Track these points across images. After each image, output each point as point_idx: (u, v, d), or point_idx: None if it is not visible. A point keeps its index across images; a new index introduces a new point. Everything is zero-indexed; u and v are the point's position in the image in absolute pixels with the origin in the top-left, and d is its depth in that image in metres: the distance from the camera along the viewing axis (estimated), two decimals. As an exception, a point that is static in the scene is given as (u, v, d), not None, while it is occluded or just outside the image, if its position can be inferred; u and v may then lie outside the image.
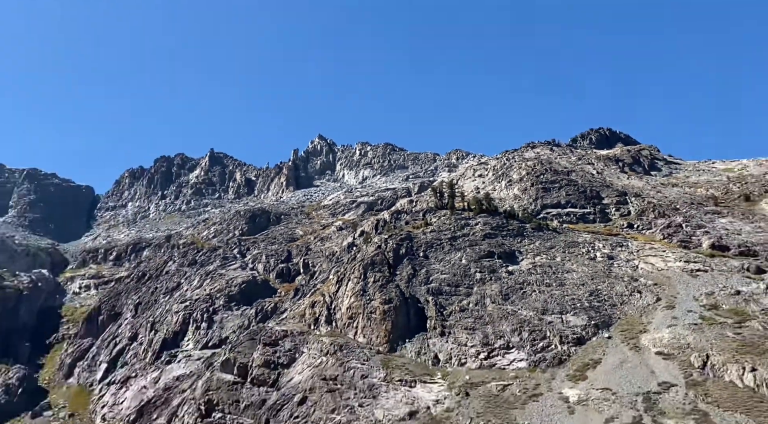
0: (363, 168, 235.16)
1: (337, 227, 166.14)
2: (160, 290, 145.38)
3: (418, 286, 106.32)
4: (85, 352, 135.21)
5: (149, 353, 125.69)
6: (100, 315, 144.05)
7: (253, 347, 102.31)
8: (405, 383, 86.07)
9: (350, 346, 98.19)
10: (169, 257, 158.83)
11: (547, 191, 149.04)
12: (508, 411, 75.62)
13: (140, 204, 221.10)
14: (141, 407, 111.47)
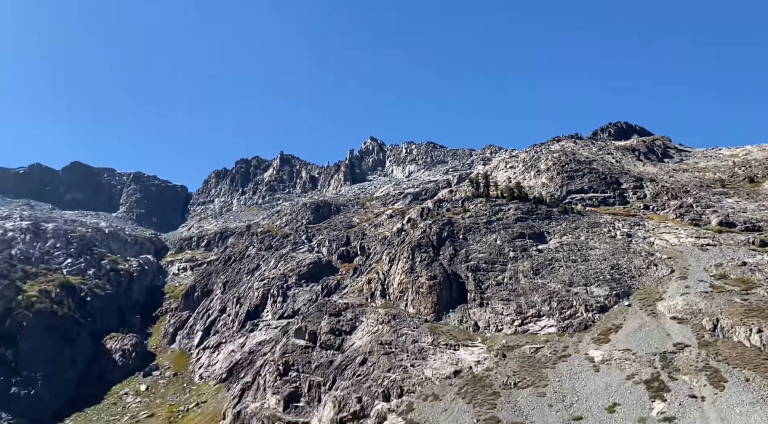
0: (409, 164, 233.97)
1: (387, 215, 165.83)
2: (243, 270, 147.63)
3: (458, 264, 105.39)
4: (184, 322, 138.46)
5: (236, 323, 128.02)
6: (195, 292, 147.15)
7: (321, 317, 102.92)
8: (450, 346, 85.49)
9: (402, 316, 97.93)
10: (249, 243, 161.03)
11: (572, 179, 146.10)
12: (541, 370, 74.51)
13: (225, 199, 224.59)
14: (230, 368, 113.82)
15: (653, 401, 62.72)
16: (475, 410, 69.54)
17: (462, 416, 69.13)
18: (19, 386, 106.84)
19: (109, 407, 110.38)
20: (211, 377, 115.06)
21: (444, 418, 69.90)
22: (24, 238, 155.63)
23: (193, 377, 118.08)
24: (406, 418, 71.81)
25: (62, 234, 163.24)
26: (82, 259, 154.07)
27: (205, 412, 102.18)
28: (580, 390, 68.66)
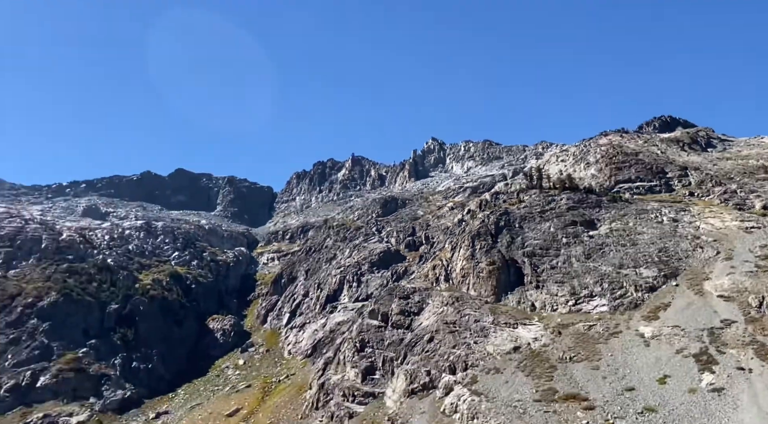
0: (467, 160, 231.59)
1: (449, 207, 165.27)
2: (322, 259, 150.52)
3: (515, 250, 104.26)
4: (273, 305, 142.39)
5: (317, 306, 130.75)
6: (282, 279, 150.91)
7: (391, 300, 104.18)
8: (509, 325, 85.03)
9: (464, 298, 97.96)
10: (327, 235, 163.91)
11: (619, 170, 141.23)
12: (594, 345, 73.20)
13: (304, 197, 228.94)
14: (314, 345, 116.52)
15: (702, 373, 60.76)
16: (534, 382, 69.15)
17: (522, 387, 68.91)
18: (138, 361, 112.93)
19: (213, 379, 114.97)
20: (298, 353, 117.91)
21: (505, 389, 69.86)
22: (138, 235, 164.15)
23: (282, 352, 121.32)
24: (470, 389, 72.18)
25: (170, 231, 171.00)
26: (187, 252, 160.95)
27: (294, 383, 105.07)
28: (632, 364, 67.16)
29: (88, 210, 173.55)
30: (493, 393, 69.45)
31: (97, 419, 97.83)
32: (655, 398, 59.81)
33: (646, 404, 59.47)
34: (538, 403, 64.69)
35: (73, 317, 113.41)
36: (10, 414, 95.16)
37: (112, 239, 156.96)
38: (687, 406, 57.40)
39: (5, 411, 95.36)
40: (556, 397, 65.01)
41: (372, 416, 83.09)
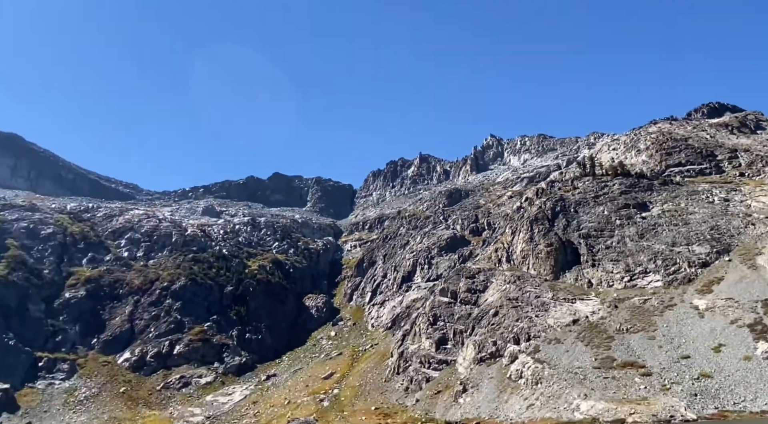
0: (523, 153, 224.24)
1: (508, 196, 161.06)
2: (397, 245, 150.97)
3: (571, 232, 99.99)
4: (357, 286, 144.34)
5: (394, 285, 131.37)
6: (364, 263, 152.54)
7: (459, 280, 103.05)
8: (567, 300, 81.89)
9: (525, 277, 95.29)
10: (400, 225, 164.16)
11: (669, 155, 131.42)
12: (650, 317, 69.07)
13: (380, 193, 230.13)
14: (393, 319, 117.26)
15: (757, 342, 55.96)
16: (593, 351, 66.30)
17: (581, 355, 66.28)
18: (250, 333, 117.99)
19: (311, 348, 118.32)
20: (380, 326, 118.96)
21: (566, 357, 67.42)
22: (246, 229, 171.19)
23: (366, 326, 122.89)
24: (534, 357, 70.21)
25: (270, 225, 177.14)
26: (285, 242, 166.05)
27: (378, 351, 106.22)
28: (687, 334, 62.86)
29: (206, 210, 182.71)
30: (554, 361, 67.24)
31: (220, 380, 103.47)
32: (711, 365, 55.77)
33: (701, 370, 55.59)
34: (597, 370, 62.00)
35: (198, 297, 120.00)
36: (155, 375, 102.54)
37: (226, 233, 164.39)
38: (743, 372, 53.13)
39: (151, 373, 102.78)
40: (614, 364, 62.03)
41: (446, 380, 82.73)
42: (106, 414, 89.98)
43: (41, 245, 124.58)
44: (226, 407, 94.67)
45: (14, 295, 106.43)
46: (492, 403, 67.97)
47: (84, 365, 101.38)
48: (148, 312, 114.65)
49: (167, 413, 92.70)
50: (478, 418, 66.04)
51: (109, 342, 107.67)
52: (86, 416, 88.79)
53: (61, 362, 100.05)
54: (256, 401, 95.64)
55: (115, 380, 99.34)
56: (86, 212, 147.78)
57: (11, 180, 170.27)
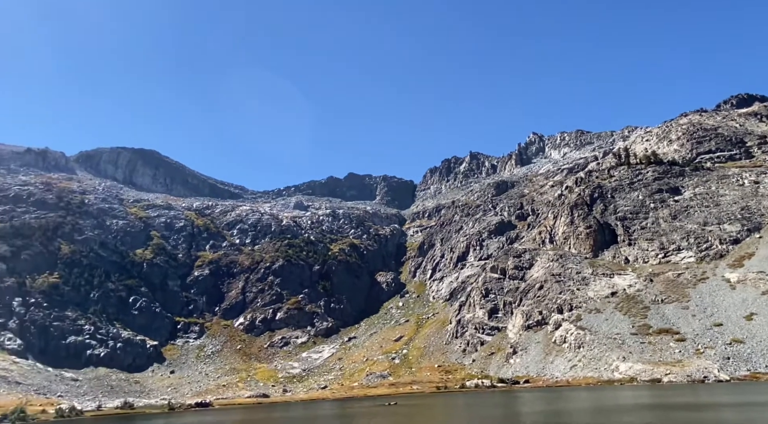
0: (563, 147, 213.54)
1: (549, 185, 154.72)
2: (452, 230, 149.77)
3: (608, 215, 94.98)
4: (419, 264, 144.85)
5: (451, 264, 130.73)
6: (425, 245, 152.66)
7: (507, 258, 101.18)
8: (606, 275, 78.26)
9: (566, 255, 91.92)
10: (454, 213, 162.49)
11: (700, 143, 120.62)
12: (683, 289, 64.66)
13: (436, 186, 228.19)
14: (451, 292, 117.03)
15: (791, 313, 50.93)
16: (630, 320, 63.22)
17: (620, 323, 63.42)
18: (334, 303, 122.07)
19: (383, 316, 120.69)
20: (439, 298, 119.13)
21: (605, 325, 64.79)
22: (328, 219, 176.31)
23: (428, 298, 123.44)
24: (576, 325, 68.06)
25: (347, 216, 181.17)
26: (359, 229, 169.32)
27: (438, 319, 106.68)
28: (719, 304, 58.34)
29: (296, 205, 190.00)
30: (595, 328, 64.86)
31: (312, 341, 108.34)
32: (743, 332, 51.57)
33: (734, 336, 51.57)
34: (634, 336, 59.17)
35: (293, 274, 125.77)
36: (262, 336, 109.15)
37: (312, 223, 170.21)
38: (776, 340, 48.73)
39: (259, 334, 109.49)
40: (650, 331, 58.90)
41: (498, 343, 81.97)
42: (228, 365, 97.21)
43: (176, 235, 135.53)
44: (317, 362, 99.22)
45: (158, 274, 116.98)
46: (539, 364, 66.73)
47: (210, 328, 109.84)
48: (256, 286, 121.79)
49: (273, 365, 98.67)
50: (527, 376, 65.16)
51: (228, 310, 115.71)
52: (213, 367, 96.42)
53: (193, 325, 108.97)
54: (341, 358, 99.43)
55: (233, 340, 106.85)
56: (207, 209, 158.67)
57: (152, 186, 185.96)
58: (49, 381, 75.87)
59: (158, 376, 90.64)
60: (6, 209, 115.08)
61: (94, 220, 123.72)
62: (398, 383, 77.93)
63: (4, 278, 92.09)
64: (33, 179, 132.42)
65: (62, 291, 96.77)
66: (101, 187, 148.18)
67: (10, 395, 63.95)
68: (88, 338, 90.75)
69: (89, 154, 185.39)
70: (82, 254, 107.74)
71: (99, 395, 74.90)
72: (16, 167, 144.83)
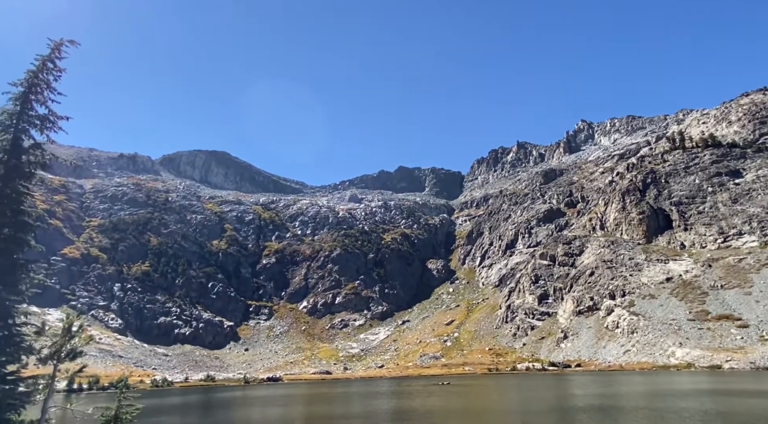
0: (613, 134, 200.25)
1: (599, 172, 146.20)
2: (500, 218, 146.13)
3: (662, 201, 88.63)
4: (468, 252, 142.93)
5: (499, 251, 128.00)
6: (473, 234, 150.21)
7: (556, 245, 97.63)
8: (660, 261, 73.43)
9: (618, 241, 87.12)
10: (502, 202, 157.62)
11: (763, 123, 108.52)
12: (745, 275, 59.39)
13: (484, 176, 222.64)
14: (500, 278, 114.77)
15: None
16: (687, 306, 59.12)
17: (675, 309, 59.50)
18: (388, 288, 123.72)
19: (434, 301, 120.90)
20: (489, 284, 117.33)
21: (660, 311, 61.07)
22: (380, 211, 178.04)
23: (478, 284, 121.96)
24: (629, 310, 64.74)
25: (398, 207, 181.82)
26: (410, 219, 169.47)
27: (488, 304, 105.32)
28: (788, 291, 52.98)
29: (351, 198, 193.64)
30: (649, 314, 61.37)
31: (369, 323, 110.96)
32: (817, 321, 46.61)
33: (806, 325, 46.79)
34: (691, 322, 55.35)
35: (349, 262, 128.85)
36: (323, 318, 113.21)
37: (366, 214, 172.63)
38: None
39: (321, 317, 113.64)
40: (708, 317, 54.82)
41: (548, 328, 79.76)
42: (294, 344, 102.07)
43: (245, 227, 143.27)
44: (374, 343, 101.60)
45: (231, 262, 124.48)
46: (591, 348, 64.26)
47: (277, 311, 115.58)
48: (316, 273, 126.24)
49: (334, 345, 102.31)
50: (578, 360, 63.06)
51: (293, 294, 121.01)
52: (281, 346, 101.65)
53: (263, 308, 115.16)
54: (396, 340, 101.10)
55: (298, 321, 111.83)
56: (272, 203, 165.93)
57: (225, 184, 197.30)
58: (144, 356, 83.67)
59: (234, 353, 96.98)
60: (105, 208, 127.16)
61: (176, 215, 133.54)
62: (450, 365, 78.17)
63: (106, 266, 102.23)
64: (126, 181, 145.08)
65: (153, 278, 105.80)
66: (182, 186, 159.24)
67: (115, 367, 71.38)
68: (175, 318, 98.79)
69: (171, 157, 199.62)
70: (168, 245, 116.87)
71: (186, 369, 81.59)
72: (112, 171, 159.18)
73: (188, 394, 52.10)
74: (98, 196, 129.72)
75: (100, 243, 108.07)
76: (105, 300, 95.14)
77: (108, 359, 74.85)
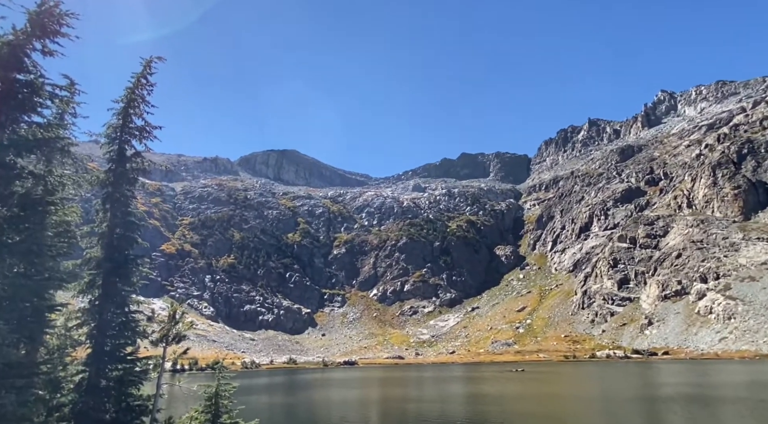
0: (699, 102, 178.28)
1: (684, 145, 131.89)
2: (572, 201, 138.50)
3: (762, 173, 78.40)
4: (539, 237, 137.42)
5: (573, 235, 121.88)
6: (543, 218, 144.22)
7: (637, 227, 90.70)
8: (761, 239, 65.42)
9: (709, 220, 78.73)
10: (574, 183, 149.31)
11: None
12: None
13: (552, 158, 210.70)
14: (574, 263, 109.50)
15: None
16: (797, 289, 52.29)
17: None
18: (455, 276, 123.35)
19: (503, 287, 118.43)
20: (562, 269, 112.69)
21: (763, 294, 54.68)
22: (444, 198, 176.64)
23: (550, 269, 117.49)
24: (724, 294, 58.74)
25: (462, 194, 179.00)
26: (475, 206, 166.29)
27: (562, 290, 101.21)
28: None
29: (414, 187, 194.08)
30: (749, 298, 55.25)
31: (438, 310, 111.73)
32: None
33: None
34: (804, 307, 48.94)
35: (416, 250, 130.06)
36: (393, 305, 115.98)
37: (430, 203, 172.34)
38: None
39: (391, 304, 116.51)
40: (827, 302, 48.07)
41: (630, 314, 74.89)
42: (366, 330, 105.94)
43: (316, 220, 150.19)
44: (444, 330, 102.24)
45: (306, 253, 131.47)
46: (680, 335, 59.42)
47: (350, 298, 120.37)
48: (384, 262, 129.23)
49: (405, 331, 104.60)
50: (665, 347, 58.68)
51: (363, 282, 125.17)
52: (355, 331, 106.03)
53: (336, 296, 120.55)
54: (466, 326, 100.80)
55: (369, 308, 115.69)
56: (339, 196, 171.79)
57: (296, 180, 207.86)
58: (234, 340, 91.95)
59: (312, 338, 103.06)
60: (194, 207, 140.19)
61: (255, 211, 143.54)
62: (524, 351, 76.55)
63: (198, 260, 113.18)
64: (210, 182, 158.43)
65: (237, 269, 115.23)
66: (258, 184, 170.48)
67: (210, 350, 79.46)
68: (258, 306, 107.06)
69: (247, 158, 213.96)
70: (249, 239, 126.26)
71: (270, 352, 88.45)
72: (197, 174, 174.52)
73: (274, 375, 56.87)
74: (187, 197, 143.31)
75: (191, 239, 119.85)
76: (198, 290, 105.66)
77: (204, 343, 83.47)
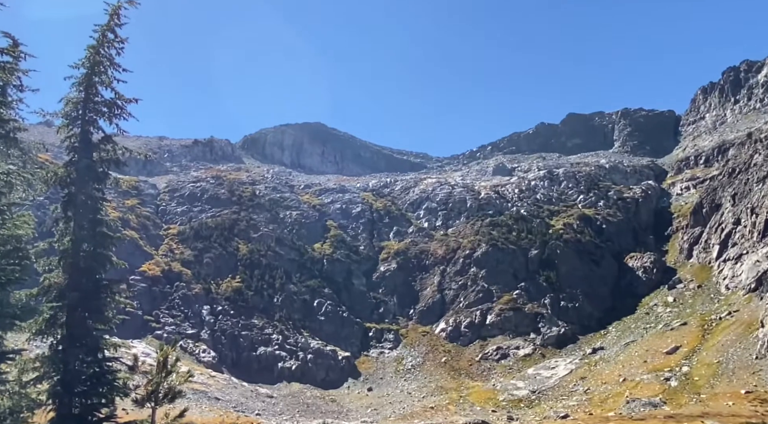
0: None
1: None
2: (752, 180, 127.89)
3: None
4: (697, 238, 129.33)
5: (755, 233, 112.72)
6: (703, 208, 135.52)
7: None
8: None
9: None
10: (753, 151, 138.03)
11: None
12: None
13: (716, 113, 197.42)
14: (758, 277, 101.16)
15: None
16: None
17: None
18: (564, 300, 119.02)
19: (643, 317, 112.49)
20: (738, 288, 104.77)
21: None
22: (543, 184, 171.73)
23: (718, 288, 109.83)
24: None
25: (571, 176, 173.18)
26: (591, 194, 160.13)
27: (739, 320, 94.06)
28: None
29: (496, 169, 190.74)
30: None
31: (540, 353, 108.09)
32: None
33: None
34: None
35: (502, 263, 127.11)
36: (471, 345, 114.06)
37: (521, 191, 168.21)
38: None
39: (468, 343, 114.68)
40: None
41: None
42: (433, 383, 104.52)
43: (354, 223, 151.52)
44: (551, 382, 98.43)
45: (340, 271, 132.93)
46: None
47: (406, 335, 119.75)
48: (455, 282, 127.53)
49: (490, 385, 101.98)
50: None
51: (424, 312, 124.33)
52: (416, 384, 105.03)
53: (386, 332, 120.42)
54: (584, 377, 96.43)
55: (435, 350, 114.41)
56: (385, 187, 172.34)
57: (321, 166, 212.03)
58: (245, 397, 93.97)
59: (355, 393, 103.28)
60: (184, 210, 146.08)
61: (267, 213, 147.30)
62: (679, 416, 71.69)
63: (191, 284, 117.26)
64: (203, 174, 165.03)
65: (246, 296, 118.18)
66: (269, 174, 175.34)
67: (212, 411, 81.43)
68: (276, 348, 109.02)
69: (253, 137, 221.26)
70: (260, 253, 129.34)
71: (296, 415, 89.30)
72: (186, 162, 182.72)
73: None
74: (174, 197, 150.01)
75: (181, 255, 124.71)
76: (193, 327, 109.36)
77: (203, 401, 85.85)
